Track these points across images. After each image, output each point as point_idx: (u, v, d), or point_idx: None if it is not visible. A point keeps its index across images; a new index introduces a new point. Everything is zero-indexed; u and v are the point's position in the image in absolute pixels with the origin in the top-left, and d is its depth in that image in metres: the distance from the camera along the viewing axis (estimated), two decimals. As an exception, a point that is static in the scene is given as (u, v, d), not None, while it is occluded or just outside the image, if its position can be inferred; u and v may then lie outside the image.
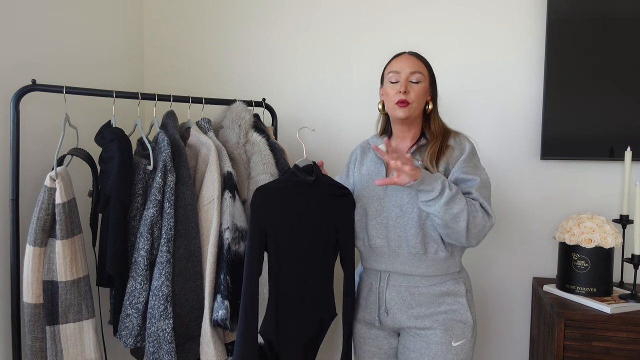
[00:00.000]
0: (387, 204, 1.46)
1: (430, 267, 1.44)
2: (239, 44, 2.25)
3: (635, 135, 1.87)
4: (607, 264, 1.70)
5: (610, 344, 1.57)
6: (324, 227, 1.49)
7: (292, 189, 1.45)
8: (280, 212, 1.43)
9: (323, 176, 1.51)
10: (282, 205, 1.43)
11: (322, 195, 1.48)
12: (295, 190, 1.45)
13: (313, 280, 1.48)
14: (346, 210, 1.52)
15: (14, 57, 1.56)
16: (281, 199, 1.43)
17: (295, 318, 1.46)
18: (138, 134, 1.66)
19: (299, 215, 1.45)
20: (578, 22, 1.91)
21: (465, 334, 1.44)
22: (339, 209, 1.51)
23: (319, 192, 1.48)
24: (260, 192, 1.41)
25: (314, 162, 1.51)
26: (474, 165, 1.43)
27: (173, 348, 1.47)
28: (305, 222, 1.46)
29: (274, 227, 1.42)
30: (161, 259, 1.48)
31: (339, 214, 1.51)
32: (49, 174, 1.44)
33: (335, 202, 1.50)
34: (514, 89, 2.03)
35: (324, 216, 1.48)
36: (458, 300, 1.45)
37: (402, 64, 1.46)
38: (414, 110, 1.45)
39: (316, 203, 1.47)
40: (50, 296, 1.46)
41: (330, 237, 1.50)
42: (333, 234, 1.51)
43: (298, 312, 1.46)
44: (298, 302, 1.46)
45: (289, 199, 1.44)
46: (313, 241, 1.48)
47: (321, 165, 1.55)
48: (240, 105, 1.77)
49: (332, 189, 1.51)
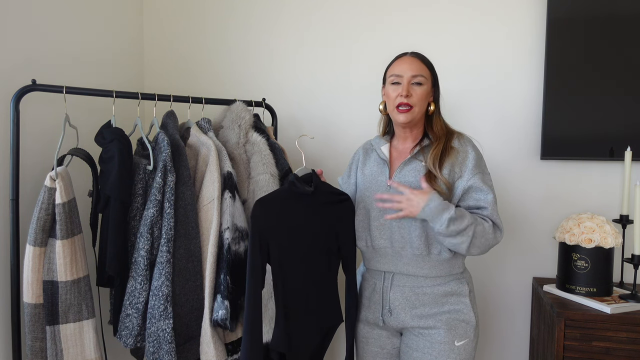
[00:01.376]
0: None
1: (433, 268, 1.44)
2: (239, 43, 2.25)
3: (635, 135, 1.87)
4: (607, 264, 1.70)
5: (610, 344, 1.57)
6: (325, 235, 1.49)
7: (292, 199, 1.45)
8: (280, 223, 1.42)
9: (322, 184, 1.50)
10: (282, 216, 1.43)
11: (321, 204, 1.49)
12: (295, 201, 1.45)
13: (318, 289, 1.49)
14: (346, 215, 1.52)
15: (14, 57, 1.56)
16: (281, 210, 1.43)
17: (302, 328, 1.46)
18: (138, 134, 1.66)
19: (299, 225, 1.45)
20: (578, 22, 1.91)
21: (468, 334, 1.44)
22: (339, 216, 1.51)
23: (318, 200, 1.48)
24: (260, 203, 1.41)
25: (313, 171, 1.51)
26: (481, 171, 1.44)
27: (173, 348, 1.47)
28: (305, 232, 1.46)
29: (274, 238, 1.41)
30: (161, 259, 1.48)
31: (339, 220, 1.51)
32: (49, 174, 1.44)
33: (335, 209, 1.51)
34: (514, 89, 2.03)
35: (324, 224, 1.49)
36: (461, 300, 1.45)
37: (404, 67, 1.45)
38: (416, 113, 1.45)
39: (316, 212, 1.48)
40: (50, 296, 1.46)
41: (332, 244, 1.51)
42: (334, 240, 1.51)
43: (305, 322, 1.47)
44: (304, 312, 1.46)
45: (289, 210, 1.44)
46: (315, 250, 1.48)
47: (320, 174, 1.54)
48: (240, 105, 1.77)
49: (331, 197, 1.51)
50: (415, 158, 1.47)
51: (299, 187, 1.45)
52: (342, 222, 1.52)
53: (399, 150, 1.54)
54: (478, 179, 1.42)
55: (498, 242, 1.43)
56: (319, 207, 1.48)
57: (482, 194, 1.41)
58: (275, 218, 1.42)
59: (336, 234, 1.51)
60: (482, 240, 1.37)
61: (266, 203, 1.43)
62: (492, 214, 1.40)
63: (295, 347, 1.45)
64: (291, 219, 1.44)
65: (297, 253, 1.45)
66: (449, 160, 1.43)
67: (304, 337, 1.47)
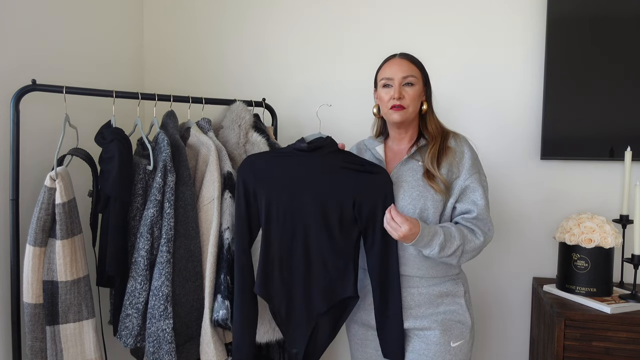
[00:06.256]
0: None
1: (430, 269, 1.44)
2: (239, 43, 2.25)
3: (635, 135, 1.87)
4: (607, 264, 1.70)
5: (610, 344, 1.57)
6: (332, 198, 1.44)
7: (287, 156, 1.46)
8: (269, 176, 1.45)
9: (341, 151, 1.49)
10: (272, 169, 1.45)
11: (335, 168, 1.45)
12: (292, 158, 1.46)
13: (320, 250, 1.44)
14: (372, 187, 1.43)
15: (14, 57, 1.56)
16: (274, 163, 1.46)
17: (301, 285, 1.45)
18: (138, 134, 1.66)
19: (293, 180, 1.45)
20: (578, 22, 1.91)
21: (464, 335, 1.44)
22: (361, 185, 1.43)
23: (328, 163, 1.45)
24: (249, 157, 1.47)
25: (328, 137, 1.49)
26: (478, 171, 1.45)
27: (173, 348, 1.47)
28: (303, 190, 1.45)
29: (262, 189, 1.45)
30: (161, 259, 1.48)
31: (359, 190, 1.43)
32: (49, 174, 1.44)
33: (358, 177, 1.44)
34: (514, 89, 2.03)
35: (335, 189, 1.44)
36: (457, 301, 1.45)
37: (394, 69, 1.45)
38: (410, 113, 1.45)
39: (322, 172, 1.45)
40: (50, 296, 1.46)
41: (344, 212, 1.44)
42: (349, 209, 1.44)
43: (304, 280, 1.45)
44: (303, 270, 1.45)
45: (283, 165, 1.45)
46: (315, 209, 1.44)
47: (342, 148, 1.51)
48: (240, 105, 1.77)
49: (351, 164, 1.45)
50: (413, 158, 1.47)
51: (296, 144, 1.47)
52: (364, 192, 1.43)
53: (394, 151, 1.54)
54: (475, 179, 1.42)
55: (489, 242, 1.45)
56: (328, 169, 1.45)
57: (478, 196, 1.41)
58: (263, 170, 1.45)
59: (354, 203, 1.44)
60: (472, 253, 1.41)
61: (257, 156, 1.49)
62: (484, 216, 1.41)
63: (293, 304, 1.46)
64: (284, 173, 1.45)
65: (289, 206, 1.44)
66: (446, 159, 1.43)
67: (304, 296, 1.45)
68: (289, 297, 1.46)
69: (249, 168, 1.47)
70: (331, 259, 1.45)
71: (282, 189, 1.45)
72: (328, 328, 1.48)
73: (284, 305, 1.46)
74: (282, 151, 1.53)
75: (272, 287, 1.45)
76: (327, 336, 1.49)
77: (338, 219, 1.44)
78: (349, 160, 1.47)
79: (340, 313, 1.48)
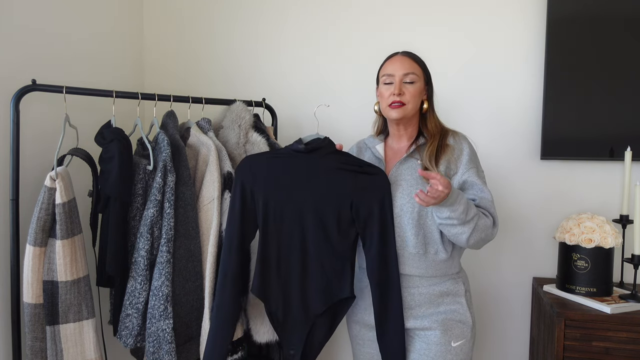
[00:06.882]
0: None
1: (430, 268, 1.44)
2: (239, 43, 2.25)
3: (635, 135, 1.87)
4: (607, 264, 1.70)
5: (610, 344, 1.57)
6: (329, 201, 1.44)
7: (285, 157, 1.47)
8: (267, 177, 1.46)
9: (339, 152, 1.49)
10: (269, 170, 1.46)
11: (331, 169, 1.45)
12: (289, 159, 1.46)
13: (318, 251, 1.45)
14: (371, 188, 1.43)
15: (14, 57, 1.56)
16: (268, 164, 1.47)
17: (298, 286, 1.45)
18: (138, 134, 1.66)
19: (291, 181, 1.45)
20: (578, 22, 1.91)
21: (465, 334, 1.44)
22: (359, 186, 1.43)
23: (325, 164, 1.46)
24: (247, 158, 1.48)
25: (325, 138, 1.49)
26: (475, 165, 1.45)
27: (173, 348, 1.47)
28: (301, 190, 1.45)
29: (260, 190, 1.46)
30: (161, 259, 1.48)
31: (357, 190, 1.43)
32: (49, 174, 1.44)
33: (355, 178, 1.44)
34: (514, 89, 2.03)
35: (332, 190, 1.44)
36: (457, 300, 1.45)
37: (395, 66, 1.46)
38: (409, 111, 1.45)
39: (322, 175, 1.45)
40: (50, 296, 1.46)
41: (342, 214, 1.44)
42: (347, 210, 1.44)
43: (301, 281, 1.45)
44: (300, 271, 1.45)
45: (281, 166, 1.45)
46: (312, 210, 1.45)
47: (340, 148, 1.51)
48: (240, 105, 1.77)
49: (349, 165, 1.45)
50: (412, 157, 1.47)
51: (293, 146, 1.47)
52: (362, 193, 1.43)
53: (394, 149, 1.54)
54: (472, 173, 1.42)
55: (493, 238, 1.43)
56: (326, 170, 1.45)
57: (478, 189, 1.41)
58: (260, 170, 1.46)
59: (351, 204, 1.44)
60: (482, 234, 1.37)
61: (255, 156, 1.51)
62: (488, 204, 1.41)
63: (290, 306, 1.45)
64: (280, 173, 1.46)
65: (285, 210, 1.45)
66: (444, 157, 1.44)
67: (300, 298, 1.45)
68: (286, 297, 1.46)
69: (248, 168, 1.48)
70: (328, 259, 1.45)
71: (279, 190, 1.45)
72: (325, 328, 1.49)
73: (281, 306, 1.46)
74: (280, 152, 1.53)
75: (270, 287, 1.45)
76: (323, 336, 1.49)
77: (335, 220, 1.44)
78: (347, 161, 1.47)
79: (337, 313, 1.49)
